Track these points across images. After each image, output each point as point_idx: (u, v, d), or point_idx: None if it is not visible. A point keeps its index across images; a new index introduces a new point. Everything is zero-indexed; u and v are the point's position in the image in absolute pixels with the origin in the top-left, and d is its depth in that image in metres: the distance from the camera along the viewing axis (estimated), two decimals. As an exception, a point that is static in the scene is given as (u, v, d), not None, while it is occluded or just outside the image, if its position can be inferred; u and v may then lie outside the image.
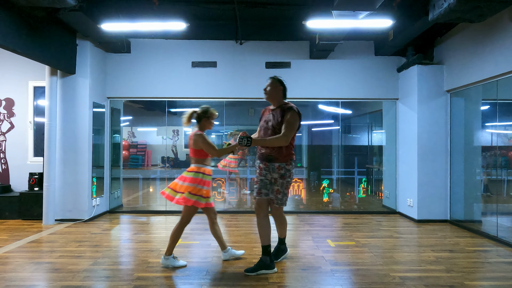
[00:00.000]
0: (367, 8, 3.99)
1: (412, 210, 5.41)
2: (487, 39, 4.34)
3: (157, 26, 4.68)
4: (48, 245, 4.01)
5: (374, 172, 6.93)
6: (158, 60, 5.85)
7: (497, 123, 4.61)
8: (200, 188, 3.21)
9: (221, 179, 6.64)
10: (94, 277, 3.04)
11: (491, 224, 4.52)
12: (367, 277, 3.06)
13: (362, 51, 5.92)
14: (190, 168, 3.28)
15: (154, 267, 3.28)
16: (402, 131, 5.83)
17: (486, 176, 5.15)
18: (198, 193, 3.21)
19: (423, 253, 3.78)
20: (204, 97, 5.95)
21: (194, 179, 3.21)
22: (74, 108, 5.22)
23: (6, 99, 5.77)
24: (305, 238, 4.35)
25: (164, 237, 4.23)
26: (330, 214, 5.83)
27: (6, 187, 5.62)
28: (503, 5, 3.63)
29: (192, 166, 3.28)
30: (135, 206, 6.46)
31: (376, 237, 4.44)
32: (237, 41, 5.88)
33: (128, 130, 9.78)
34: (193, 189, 3.20)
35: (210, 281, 2.95)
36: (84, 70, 5.22)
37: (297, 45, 5.91)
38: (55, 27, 4.65)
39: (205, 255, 3.63)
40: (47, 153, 5.02)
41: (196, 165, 3.27)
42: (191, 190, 3.19)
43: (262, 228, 3.20)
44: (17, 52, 4.02)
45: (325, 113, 7.30)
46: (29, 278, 3.02)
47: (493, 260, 3.58)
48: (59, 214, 5.17)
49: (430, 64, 5.37)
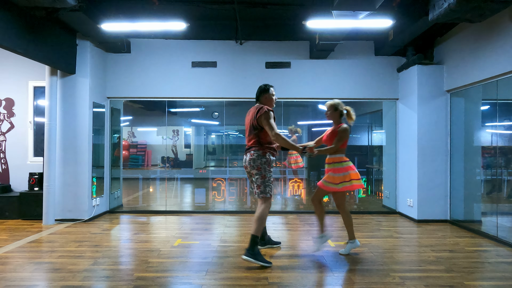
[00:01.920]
0: (367, 8, 3.99)
1: (412, 210, 5.41)
2: (487, 39, 4.34)
3: (157, 26, 4.68)
4: (48, 245, 4.01)
5: (374, 172, 6.93)
6: (158, 60, 5.85)
7: (497, 123, 4.61)
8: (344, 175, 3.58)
9: (221, 179, 6.64)
10: (94, 277, 3.04)
11: (491, 224, 4.52)
12: (367, 277, 3.06)
13: (362, 51, 5.92)
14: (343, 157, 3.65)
15: (154, 267, 3.28)
16: (402, 131, 5.83)
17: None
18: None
19: (423, 253, 3.78)
20: (204, 97, 5.95)
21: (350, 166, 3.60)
22: (74, 108, 5.22)
23: (6, 99, 5.77)
24: (305, 238, 4.35)
25: (164, 237, 4.23)
26: (330, 214, 5.83)
27: (6, 187, 5.62)
28: (503, 5, 3.63)
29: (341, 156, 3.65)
30: (135, 206, 6.47)
31: (376, 237, 4.44)
32: (237, 41, 5.88)
33: (128, 130, 9.78)
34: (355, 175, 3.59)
35: (210, 281, 2.95)
36: (84, 70, 5.22)
37: (297, 45, 5.91)
38: (55, 27, 4.65)
39: (205, 255, 3.63)
40: (47, 153, 5.02)
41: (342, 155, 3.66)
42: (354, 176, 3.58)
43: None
44: (17, 52, 4.02)
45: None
46: (29, 278, 3.02)
47: (493, 260, 3.59)
48: (59, 214, 5.17)
49: (430, 64, 5.37)
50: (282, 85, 5.88)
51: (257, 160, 3.43)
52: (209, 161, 11.32)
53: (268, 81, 5.88)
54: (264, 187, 3.42)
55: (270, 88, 3.69)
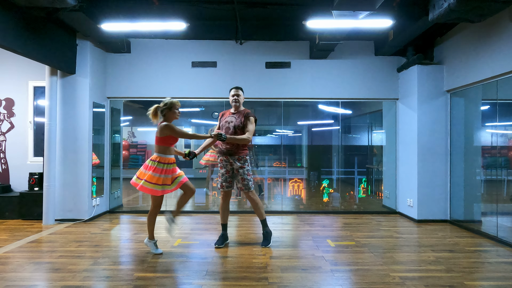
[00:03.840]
0: (367, 8, 3.99)
1: (412, 210, 5.41)
2: (487, 39, 4.34)
3: (157, 26, 4.68)
4: (48, 245, 4.01)
5: (374, 172, 6.93)
6: (158, 60, 5.85)
7: (497, 123, 4.61)
8: (158, 176, 3.42)
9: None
10: (94, 277, 3.04)
11: (491, 224, 4.52)
12: (367, 277, 3.06)
13: (362, 51, 5.92)
14: (153, 157, 3.51)
15: (154, 267, 3.28)
16: (402, 131, 5.83)
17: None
18: (154, 181, 3.42)
19: (423, 253, 3.78)
20: (204, 97, 5.95)
21: (154, 168, 3.43)
22: (74, 108, 5.22)
23: (6, 99, 5.77)
24: (305, 238, 4.35)
25: (164, 237, 4.23)
26: (330, 214, 5.83)
27: (6, 187, 5.62)
28: (503, 5, 3.63)
29: (155, 155, 3.51)
30: (135, 206, 6.47)
31: (376, 237, 4.44)
32: (237, 41, 5.88)
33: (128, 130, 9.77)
34: (151, 177, 3.42)
35: (210, 281, 2.95)
36: (84, 70, 5.22)
37: (297, 45, 5.91)
38: (55, 27, 4.65)
39: (205, 255, 3.63)
40: (47, 153, 5.02)
41: (157, 154, 3.50)
42: (148, 178, 3.42)
43: (224, 211, 4.01)
44: (17, 52, 4.02)
45: (325, 113, 7.29)
46: (29, 278, 3.02)
47: (493, 260, 3.59)
48: (59, 214, 5.17)
49: (430, 64, 5.37)
50: (282, 85, 5.88)
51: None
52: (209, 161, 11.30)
53: (268, 81, 5.91)
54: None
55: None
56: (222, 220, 4.02)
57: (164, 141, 3.49)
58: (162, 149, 3.50)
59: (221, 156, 3.91)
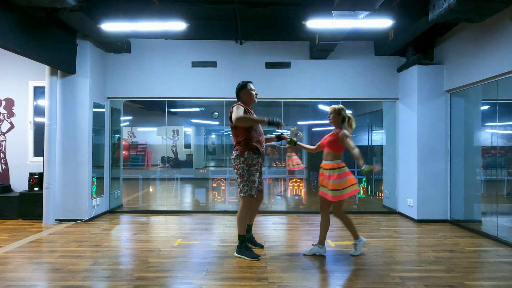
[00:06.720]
0: (367, 8, 3.99)
1: (412, 210, 5.41)
2: (487, 39, 4.34)
3: (157, 26, 4.68)
4: (48, 245, 4.01)
5: (374, 172, 6.92)
6: (158, 60, 5.85)
7: (497, 123, 4.61)
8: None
9: (221, 179, 6.64)
10: (94, 277, 3.04)
11: (491, 224, 4.52)
12: (367, 277, 3.06)
13: (362, 51, 5.92)
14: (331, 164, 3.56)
15: (154, 267, 3.28)
16: (402, 131, 5.83)
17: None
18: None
19: (423, 253, 3.78)
20: (204, 97, 5.95)
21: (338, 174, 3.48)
22: (74, 108, 5.22)
23: (6, 99, 5.77)
24: (305, 238, 4.35)
25: (164, 237, 4.23)
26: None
27: (6, 187, 5.62)
28: (503, 5, 3.63)
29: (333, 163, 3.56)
30: (135, 206, 6.47)
31: (376, 237, 4.44)
32: (237, 41, 5.88)
33: (128, 130, 9.78)
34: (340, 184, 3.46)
35: (210, 281, 2.95)
36: (84, 70, 5.22)
37: (297, 45, 5.91)
38: (55, 27, 4.65)
39: (205, 255, 3.63)
40: (47, 153, 5.02)
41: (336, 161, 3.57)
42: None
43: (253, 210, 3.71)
44: (17, 52, 4.02)
45: (325, 113, 7.25)
46: (29, 278, 3.02)
47: (493, 260, 3.58)
48: (59, 214, 5.17)
49: (430, 64, 5.37)
50: (282, 85, 5.88)
51: (235, 159, 3.51)
52: (209, 161, 11.33)
53: (268, 81, 5.91)
54: (243, 186, 3.48)
55: (248, 83, 3.75)
56: (248, 221, 3.72)
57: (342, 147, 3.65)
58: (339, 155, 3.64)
59: (259, 158, 3.56)
